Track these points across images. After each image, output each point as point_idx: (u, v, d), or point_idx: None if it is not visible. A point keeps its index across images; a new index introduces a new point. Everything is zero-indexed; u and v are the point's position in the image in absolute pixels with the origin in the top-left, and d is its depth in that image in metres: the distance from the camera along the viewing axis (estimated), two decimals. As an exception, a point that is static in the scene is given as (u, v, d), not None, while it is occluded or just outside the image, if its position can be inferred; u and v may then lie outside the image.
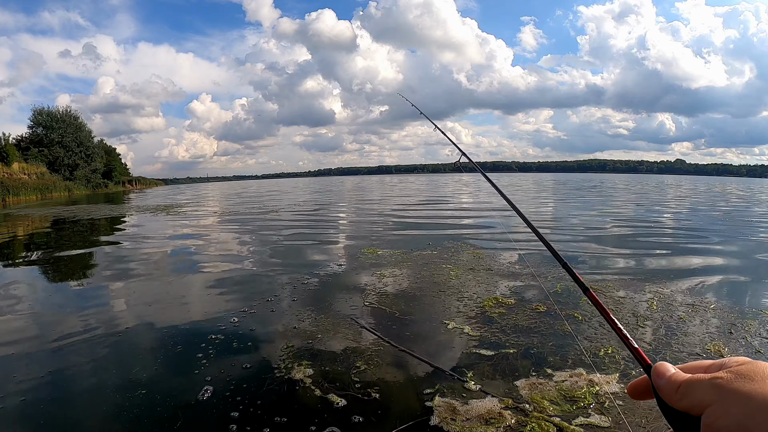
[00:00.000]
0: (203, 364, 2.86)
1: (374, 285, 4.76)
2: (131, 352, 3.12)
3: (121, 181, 70.43)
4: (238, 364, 2.88)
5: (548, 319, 3.61)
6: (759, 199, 20.80)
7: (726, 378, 0.42)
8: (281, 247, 7.65)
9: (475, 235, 8.51)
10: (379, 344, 3.19)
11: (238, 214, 14.41)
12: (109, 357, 3.05)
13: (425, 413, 2.30)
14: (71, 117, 56.49)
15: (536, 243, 7.27)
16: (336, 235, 9.26)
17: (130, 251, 7.44)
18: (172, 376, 2.76)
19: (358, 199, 22.18)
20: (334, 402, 2.42)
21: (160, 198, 29.88)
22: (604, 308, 0.69)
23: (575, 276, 0.81)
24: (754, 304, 4.04)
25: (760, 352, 3.01)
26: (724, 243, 7.50)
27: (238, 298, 4.44)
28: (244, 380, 2.65)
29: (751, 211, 13.99)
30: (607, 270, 5.41)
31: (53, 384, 2.67)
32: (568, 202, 17.95)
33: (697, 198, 21.10)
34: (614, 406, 2.33)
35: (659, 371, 0.48)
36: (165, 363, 2.93)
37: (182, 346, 3.17)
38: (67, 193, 46.26)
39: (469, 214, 12.88)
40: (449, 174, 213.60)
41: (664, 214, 12.80)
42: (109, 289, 4.92)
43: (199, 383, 2.60)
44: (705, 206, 15.84)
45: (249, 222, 11.82)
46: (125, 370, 2.82)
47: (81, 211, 18.24)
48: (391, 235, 8.87)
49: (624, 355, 2.90)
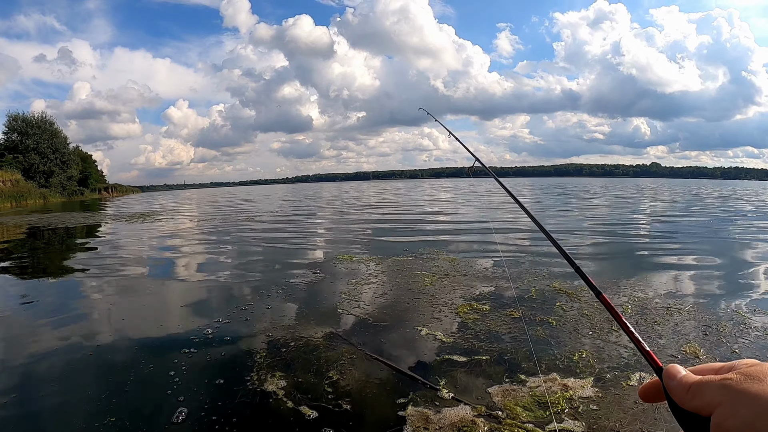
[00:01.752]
0: (176, 383, 2.74)
1: (348, 292, 4.72)
2: (102, 374, 2.94)
3: (97, 189, 69.01)
4: (211, 379, 2.78)
5: (523, 325, 3.60)
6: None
7: (736, 379, 0.43)
8: (256, 254, 7.54)
9: (451, 240, 8.52)
10: (352, 353, 3.14)
11: (214, 222, 14.22)
12: (78, 380, 2.87)
13: (398, 423, 2.27)
14: (46, 123, 55.33)
15: (514, 247, 7.33)
16: (311, 241, 9.19)
17: (104, 262, 7.22)
18: (145, 399, 2.61)
19: (335, 204, 22.08)
20: (305, 414, 2.37)
21: (137, 205, 29.32)
22: (616, 312, 0.70)
23: (588, 280, 0.84)
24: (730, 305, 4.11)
25: (736, 352, 3.05)
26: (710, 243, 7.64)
27: (213, 308, 4.35)
28: (218, 397, 2.56)
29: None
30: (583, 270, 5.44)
31: (14, 407, 2.52)
32: (555, 206, 18.16)
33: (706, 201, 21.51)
34: (588, 410, 2.33)
35: (670, 373, 0.50)
36: (137, 384, 2.77)
37: (154, 365, 3.02)
38: (42, 200, 45.13)
39: (446, 219, 12.91)
40: (427, 179, 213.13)
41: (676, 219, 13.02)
42: (80, 303, 4.75)
43: (173, 405, 2.47)
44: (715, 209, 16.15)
45: (224, 229, 11.66)
46: (94, 394, 2.66)
47: (56, 219, 17.78)
48: (366, 240, 8.83)
49: (598, 359, 2.91)
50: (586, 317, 3.73)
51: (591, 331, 3.44)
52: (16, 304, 4.80)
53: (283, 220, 14.15)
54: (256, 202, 28.44)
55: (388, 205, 20.63)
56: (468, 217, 13.42)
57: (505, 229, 9.79)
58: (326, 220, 14.21)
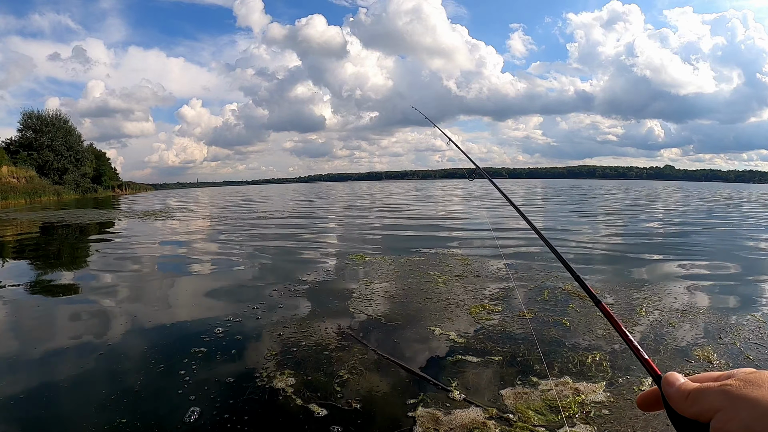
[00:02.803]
0: (187, 382, 2.72)
1: (361, 291, 4.71)
2: (112, 374, 2.90)
3: (111, 186, 69.70)
4: (222, 378, 2.77)
5: (535, 326, 3.57)
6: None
7: (735, 385, 0.43)
8: (268, 253, 7.56)
9: (464, 242, 8.48)
10: (364, 352, 3.13)
11: (227, 220, 14.31)
12: (88, 381, 2.84)
13: (408, 424, 2.25)
14: (61, 120, 55.88)
15: (524, 249, 7.27)
16: (324, 241, 9.21)
17: (114, 260, 7.30)
18: (156, 399, 2.59)
19: (347, 206, 22.10)
20: (314, 412, 2.37)
21: (151, 203, 29.60)
22: (615, 320, 0.69)
23: (587, 288, 0.83)
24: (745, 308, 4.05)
25: (750, 358, 3.00)
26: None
27: (224, 306, 4.35)
28: (229, 396, 2.55)
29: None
30: (596, 275, 5.39)
31: (25, 407, 2.50)
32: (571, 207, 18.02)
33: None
34: (600, 415, 2.30)
35: (669, 380, 0.50)
36: (148, 384, 2.75)
37: (165, 365, 3.00)
38: (56, 197, 45.70)
39: (459, 222, 12.86)
40: (439, 180, 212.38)
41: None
42: (93, 301, 4.74)
43: (185, 404, 2.46)
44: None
45: (237, 228, 11.73)
46: (105, 394, 2.62)
47: (69, 216, 18.01)
48: (379, 241, 8.83)
49: (611, 363, 2.87)
50: (599, 320, 3.69)
51: (604, 334, 3.40)
52: (28, 301, 4.86)
53: (296, 218, 14.21)
54: (265, 201, 28.57)
55: (401, 204, 20.62)
56: (478, 219, 13.35)
57: (510, 229, 9.72)
58: (339, 218, 14.24)
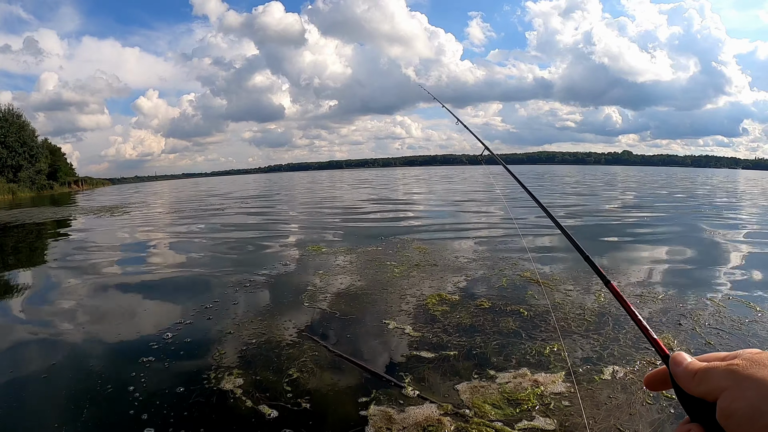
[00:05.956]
0: (138, 400, 2.43)
1: (316, 284, 4.57)
2: (56, 399, 2.54)
3: (67, 182, 66.67)
4: (172, 388, 2.54)
5: (492, 316, 3.50)
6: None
7: (741, 365, 0.44)
8: (224, 247, 7.28)
9: (423, 229, 8.44)
10: (315, 349, 2.99)
11: (183, 214, 13.87)
12: (27, 409, 2.45)
13: (360, 423, 2.15)
14: (13, 115, 53.12)
15: (486, 234, 7.26)
16: (282, 232, 8.97)
17: (61, 264, 6.74)
18: (105, 423, 2.27)
19: (306, 196, 21.77)
20: (265, 414, 2.25)
21: (106, 198, 28.43)
22: (625, 300, 0.69)
23: (597, 269, 0.83)
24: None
25: (711, 343, 3.00)
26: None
27: (175, 307, 4.11)
28: (182, 407, 2.35)
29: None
30: (552, 263, 5.38)
31: None
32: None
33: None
34: (560, 407, 2.24)
35: (677, 360, 0.50)
36: (95, 407, 2.41)
37: (112, 382, 2.65)
38: (11, 195, 43.48)
39: (418, 208, 12.85)
40: (399, 168, 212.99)
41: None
42: (32, 311, 4.28)
43: (138, 424, 2.19)
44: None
45: (193, 222, 11.34)
46: (45, 424, 2.28)
47: (23, 215, 17.09)
48: (336, 231, 8.67)
49: (570, 352, 2.84)
50: (557, 307, 3.66)
51: (563, 322, 3.36)
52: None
53: (253, 210, 13.88)
54: (227, 192, 27.88)
55: (361, 192, 20.48)
56: (439, 207, 13.34)
57: (479, 213, 9.73)
58: (297, 209, 13.99)
